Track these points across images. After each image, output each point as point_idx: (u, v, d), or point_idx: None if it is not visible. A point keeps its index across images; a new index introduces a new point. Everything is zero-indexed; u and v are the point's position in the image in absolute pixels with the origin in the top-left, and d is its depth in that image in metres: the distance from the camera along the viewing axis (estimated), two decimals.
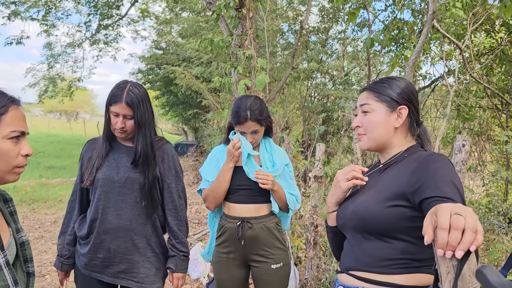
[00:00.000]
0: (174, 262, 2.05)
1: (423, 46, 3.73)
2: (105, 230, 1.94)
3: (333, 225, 1.52)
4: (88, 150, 2.06)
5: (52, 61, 14.98)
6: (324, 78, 11.13)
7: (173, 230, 2.06)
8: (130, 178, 1.94)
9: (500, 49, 5.52)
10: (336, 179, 1.45)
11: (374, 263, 1.29)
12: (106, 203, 1.94)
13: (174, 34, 15.60)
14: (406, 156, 1.39)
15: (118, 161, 1.98)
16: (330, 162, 3.95)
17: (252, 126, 2.12)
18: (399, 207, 1.24)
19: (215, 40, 4.77)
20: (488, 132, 6.73)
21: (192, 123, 20.27)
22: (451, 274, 0.84)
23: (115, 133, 1.96)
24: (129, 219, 1.95)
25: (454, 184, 1.14)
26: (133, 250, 1.97)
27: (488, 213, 4.35)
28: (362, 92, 1.49)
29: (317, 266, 3.89)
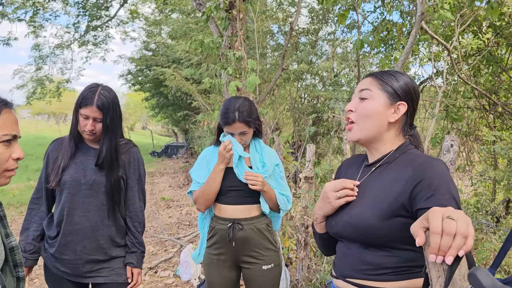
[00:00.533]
0: (135, 258, 2.12)
1: (411, 47, 3.75)
2: (72, 231, 1.97)
3: (322, 232, 1.47)
4: (54, 150, 2.06)
5: (40, 62, 14.81)
6: (314, 79, 11.16)
7: (132, 231, 2.13)
8: (97, 180, 1.98)
9: (487, 50, 5.58)
10: (325, 194, 1.36)
11: (374, 272, 1.25)
12: (73, 205, 1.97)
13: (164, 36, 15.54)
14: (397, 156, 1.33)
15: (84, 164, 2.01)
16: (320, 163, 3.97)
17: (240, 127, 2.12)
18: (399, 217, 1.19)
19: (205, 42, 4.76)
20: (476, 133, 6.80)
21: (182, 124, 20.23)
22: (442, 279, 0.84)
23: (84, 135, 1.99)
24: (95, 220, 1.99)
25: (451, 193, 1.12)
26: (98, 250, 2.02)
27: (477, 212, 4.39)
28: (366, 77, 1.39)
29: (308, 267, 3.90)
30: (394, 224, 1.19)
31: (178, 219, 7.34)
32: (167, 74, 10.45)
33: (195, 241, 5.84)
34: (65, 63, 15.56)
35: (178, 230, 6.50)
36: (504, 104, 5.67)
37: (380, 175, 1.33)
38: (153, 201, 9.11)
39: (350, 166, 1.52)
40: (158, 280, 4.36)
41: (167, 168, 16.00)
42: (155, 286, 4.19)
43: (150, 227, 6.63)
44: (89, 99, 1.90)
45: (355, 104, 1.36)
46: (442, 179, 1.15)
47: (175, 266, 4.72)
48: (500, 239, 3.78)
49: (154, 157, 21.15)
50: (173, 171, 14.92)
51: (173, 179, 12.69)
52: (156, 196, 9.71)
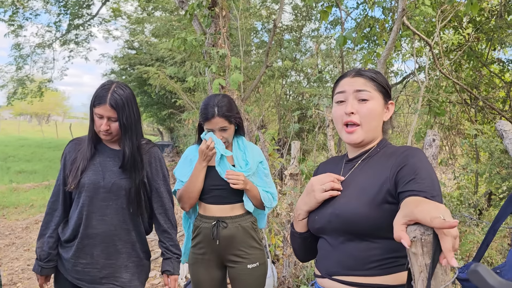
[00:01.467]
0: (171, 264, 2.05)
1: (394, 43, 3.78)
2: (89, 235, 1.91)
3: (303, 231, 1.44)
4: (71, 150, 1.99)
5: (20, 62, 14.56)
6: (299, 76, 11.19)
7: (166, 232, 2.07)
8: (116, 184, 1.91)
9: (467, 45, 5.66)
10: (310, 188, 1.35)
11: (360, 266, 1.24)
12: (91, 208, 1.91)
13: (147, 34, 15.39)
14: (378, 150, 1.37)
15: (103, 165, 1.94)
16: (305, 160, 3.97)
17: (220, 122, 2.11)
18: (386, 204, 1.20)
19: (188, 39, 4.72)
20: (458, 127, 6.90)
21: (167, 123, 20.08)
22: (424, 273, 0.85)
23: (100, 135, 1.92)
24: (113, 224, 1.93)
25: (432, 178, 1.15)
26: (116, 255, 1.95)
27: (460, 205, 4.46)
28: (354, 77, 1.36)
29: (294, 263, 3.91)
30: (381, 212, 1.20)
31: None
32: (151, 72, 10.37)
33: (181, 240, 5.81)
34: (46, 63, 15.34)
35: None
36: (485, 98, 5.77)
37: (363, 168, 1.35)
38: None
39: (329, 166, 1.53)
40: None
41: None
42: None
43: None
44: (102, 97, 1.84)
45: (356, 106, 1.33)
46: (423, 164, 1.19)
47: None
48: (483, 231, 3.85)
49: None
50: None
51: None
52: None
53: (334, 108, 1.40)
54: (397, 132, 8.39)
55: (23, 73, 14.88)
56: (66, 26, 14.12)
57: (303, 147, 8.73)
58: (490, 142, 4.26)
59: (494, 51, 6.25)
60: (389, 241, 1.20)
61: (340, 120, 1.36)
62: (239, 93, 4.97)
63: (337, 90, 1.39)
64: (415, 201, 1.01)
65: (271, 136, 4.49)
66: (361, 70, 1.38)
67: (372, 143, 1.39)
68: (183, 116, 5.73)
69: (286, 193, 4.10)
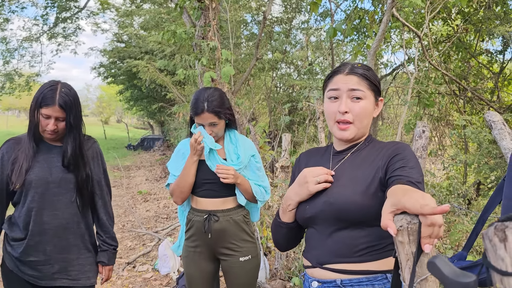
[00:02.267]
0: (106, 256, 2.11)
1: (383, 35, 3.79)
2: (41, 231, 1.91)
3: (290, 221, 1.45)
4: (9, 150, 1.95)
5: (7, 56, 14.37)
6: (289, 68, 11.19)
7: (104, 225, 2.12)
8: (64, 178, 1.94)
9: (456, 37, 5.69)
10: (303, 179, 1.36)
11: (351, 253, 1.28)
12: (41, 204, 1.90)
13: (136, 27, 15.26)
14: (367, 144, 1.42)
15: (49, 162, 1.94)
16: (296, 152, 3.99)
17: (209, 117, 2.10)
18: (379, 193, 1.25)
19: (177, 32, 4.69)
20: (447, 118, 6.96)
21: (157, 117, 20.01)
22: (411, 261, 0.86)
23: (45, 134, 1.91)
24: (65, 218, 1.95)
25: (419, 168, 1.22)
26: (68, 249, 1.97)
27: (449, 195, 4.51)
28: (349, 75, 1.38)
29: (286, 255, 3.94)
30: (374, 200, 1.24)
31: (155, 212, 7.28)
32: (141, 66, 10.29)
33: (173, 234, 5.81)
34: (34, 56, 15.16)
35: (156, 224, 6.46)
36: (473, 89, 5.82)
37: (353, 160, 1.39)
38: (129, 195, 9.00)
39: (312, 157, 1.55)
40: (136, 275, 4.32)
41: (143, 161, 15.83)
42: (134, 281, 4.16)
43: (127, 222, 6.56)
44: (49, 98, 1.83)
45: (350, 105, 1.36)
46: (412, 157, 1.26)
47: (154, 260, 4.69)
48: (472, 220, 3.90)
49: (130, 150, 20.88)
50: (149, 164, 14.77)
51: (150, 172, 12.57)
52: (133, 190, 9.61)
53: (327, 104, 1.41)
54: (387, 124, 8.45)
55: (11, 67, 14.69)
56: (53, 19, 13.94)
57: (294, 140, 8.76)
58: (479, 133, 4.31)
59: (482, 42, 6.30)
60: (378, 228, 1.22)
61: (332, 117, 1.39)
62: (229, 86, 4.96)
63: (330, 86, 1.41)
64: (402, 189, 1.03)
65: (262, 129, 4.50)
66: (354, 67, 1.39)
67: (361, 138, 1.44)
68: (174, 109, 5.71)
69: (277, 185, 4.11)
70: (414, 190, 0.99)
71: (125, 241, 5.46)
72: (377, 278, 1.26)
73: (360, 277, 1.27)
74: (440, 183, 5.35)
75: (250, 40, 11.07)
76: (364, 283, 1.26)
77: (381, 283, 1.26)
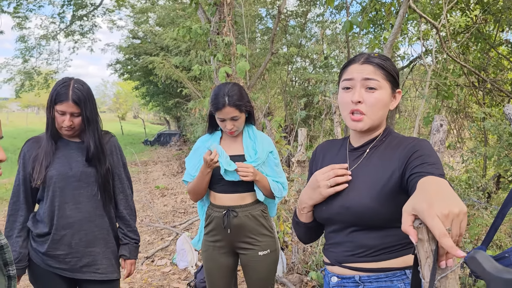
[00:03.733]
0: (127, 249, 2.14)
1: (400, 27, 3.75)
2: (65, 225, 1.95)
3: (308, 221, 1.45)
4: (31, 149, 2.00)
5: (26, 54, 14.60)
6: (304, 62, 11.13)
7: (125, 219, 2.15)
8: (85, 172, 1.98)
9: (475, 27, 5.58)
10: (315, 183, 1.34)
11: (370, 253, 1.28)
12: (63, 199, 1.95)
13: (151, 23, 15.34)
14: (384, 139, 1.36)
15: (68, 157, 1.99)
16: (312, 146, 3.98)
17: (231, 112, 2.11)
18: (395, 196, 1.22)
19: (193, 28, 4.70)
20: (466, 110, 6.85)
21: (173, 112, 20.14)
22: (430, 259, 0.86)
23: (62, 131, 1.96)
24: (88, 211, 1.99)
25: (440, 163, 1.17)
26: (94, 242, 2.01)
27: (468, 189, 4.45)
28: (364, 64, 1.32)
29: (303, 249, 3.94)
30: (390, 204, 1.21)
31: (173, 207, 7.36)
32: (156, 62, 10.36)
33: (191, 228, 5.87)
34: (51, 54, 15.37)
35: (174, 218, 6.53)
36: (493, 80, 5.71)
37: (370, 158, 1.34)
38: (147, 190, 9.11)
39: (328, 151, 1.52)
40: (155, 269, 4.39)
41: (160, 156, 15.98)
42: (153, 275, 4.23)
43: (146, 216, 6.65)
44: (63, 94, 1.88)
45: (363, 95, 1.31)
46: (432, 153, 1.20)
47: (172, 254, 4.75)
48: (492, 214, 3.85)
49: (147, 145, 21.09)
50: (166, 159, 14.90)
51: (167, 167, 12.68)
52: (151, 185, 9.72)
53: (341, 94, 1.37)
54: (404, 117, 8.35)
55: (30, 65, 14.93)
56: (70, 17, 14.10)
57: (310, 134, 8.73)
58: (499, 125, 4.23)
59: (502, 32, 6.17)
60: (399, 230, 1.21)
61: (346, 107, 1.34)
62: (245, 81, 4.96)
63: (344, 76, 1.36)
64: (429, 190, 0.91)
65: (278, 124, 4.49)
66: (370, 56, 1.33)
67: (378, 131, 1.38)
68: (190, 105, 5.73)
69: (294, 180, 4.12)
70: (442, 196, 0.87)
71: (143, 235, 5.53)
72: (396, 274, 1.26)
73: (379, 274, 1.27)
74: (459, 177, 5.28)
75: (265, 35, 11.04)
76: (383, 280, 1.27)
77: (399, 279, 1.26)
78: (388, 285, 1.26)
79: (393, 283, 1.26)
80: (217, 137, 2.30)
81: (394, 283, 1.25)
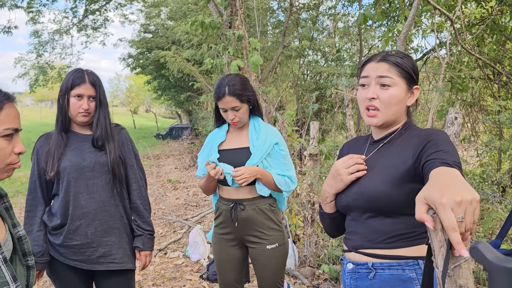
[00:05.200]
0: (141, 241, 2.13)
1: (414, 19, 3.70)
2: (80, 215, 1.97)
3: (332, 212, 1.52)
4: (43, 145, 2.04)
5: (40, 49, 14.75)
6: (316, 55, 11.07)
7: (139, 209, 2.15)
8: (98, 161, 2.00)
9: (491, 19, 5.49)
10: (336, 172, 1.42)
11: (383, 240, 1.32)
12: (77, 189, 1.97)
13: (163, 17, 15.37)
14: (403, 132, 1.41)
15: (80, 148, 2.02)
16: (324, 140, 3.97)
17: (231, 101, 2.11)
18: (408, 183, 1.25)
19: (206, 22, 4.71)
20: (481, 103, 6.75)
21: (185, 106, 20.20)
22: (444, 248, 0.86)
23: (78, 118, 1.98)
24: (102, 201, 2.01)
25: (455, 151, 1.18)
26: (109, 232, 2.03)
27: (482, 183, 4.40)
28: (379, 62, 1.39)
29: (315, 243, 3.95)
30: (403, 190, 1.25)
31: (185, 200, 7.41)
32: (168, 56, 10.39)
33: (203, 221, 5.91)
34: (64, 48, 15.49)
35: (186, 211, 6.58)
36: (509, 73, 5.61)
37: (387, 149, 1.41)
38: (159, 183, 9.18)
39: (353, 146, 1.59)
40: (168, 261, 4.43)
41: (172, 150, 16.07)
42: (166, 267, 4.27)
43: (158, 209, 6.71)
44: (79, 78, 1.95)
45: (377, 91, 1.37)
46: (446, 141, 1.23)
47: (184, 247, 4.79)
48: (506, 208, 3.80)
49: (159, 139, 21.23)
50: (178, 152, 14.99)
51: (179, 161, 12.76)
52: (163, 178, 9.79)
53: (359, 91, 1.45)
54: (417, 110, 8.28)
55: (43, 60, 15.08)
56: (82, 11, 14.18)
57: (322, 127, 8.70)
58: None
59: None
60: (411, 217, 1.21)
61: (362, 103, 1.41)
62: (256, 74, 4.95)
63: (362, 74, 1.43)
64: (441, 180, 0.93)
65: (291, 117, 4.48)
66: (387, 54, 1.39)
67: (396, 125, 1.43)
68: (201, 99, 5.75)
69: (306, 173, 4.11)
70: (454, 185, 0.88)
71: (156, 228, 5.59)
72: (408, 263, 1.29)
73: (391, 261, 1.31)
74: (473, 170, 5.23)
75: (276, 28, 10.99)
76: (395, 267, 1.30)
77: (412, 268, 1.29)
78: (399, 274, 1.29)
79: (404, 272, 1.29)
80: (224, 131, 2.30)
81: (406, 272, 1.29)
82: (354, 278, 1.39)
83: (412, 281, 1.27)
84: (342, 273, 1.49)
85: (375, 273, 1.33)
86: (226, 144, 2.26)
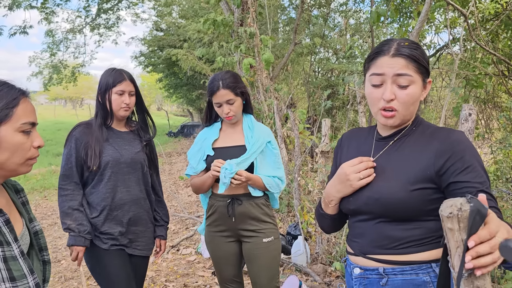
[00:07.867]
0: (164, 230, 2.42)
1: (426, 15, 3.67)
2: (117, 206, 2.16)
3: (334, 213, 1.43)
4: (82, 135, 2.14)
5: (54, 48, 14.93)
6: (328, 53, 11.03)
7: (162, 202, 2.44)
8: (134, 158, 2.21)
9: (505, 14, 5.41)
10: (344, 176, 1.30)
11: (396, 246, 1.25)
12: (116, 183, 2.16)
13: (175, 15, 15.43)
14: (413, 128, 1.31)
15: (117, 145, 2.19)
16: (336, 137, 3.96)
17: (226, 94, 2.14)
18: (425, 190, 1.19)
19: (218, 20, 4.73)
20: (495, 99, 6.67)
21: (197, 104, 20.30)
22: (460, 249, 0.85)
23: (120, 113, 2.16)
24: (136, 194, 2.22)
25: (481, 165, 1.16)
26: (138, 222, 2.25)
27: (497, 180, 4.36)
28: (395, 57, 1.23)
29: (327, 240, 3.95)
30: (421, 197, 1.19)
31: (197, 197, 7.44)
32: (180, 54, 10.43)
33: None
34: (78, 47, 15.66)
35: (198, 209, 6.61)
36: None
37: (399, 148, 1.30)
38: (171, 180, 9.24)
39: (354, 139, 1.49)
40: (180, 258, 4.47)
41: (184, 147, 16.14)
42: (178, 264, 4.31)
43: (170, 207, 6.76)
44: (120, 75, 2.13)
45: (395, 91, 1.23)
46: (471, 152, 1.18)
47: (197, 244, 4.83)
48: None
49: (171, 137, 21.33)
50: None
51: None
52: (175, 176, 9.85)
53: (370, 89, 1.29)
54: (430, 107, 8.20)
55: (57, 59, 15.26)
56: (95, 11, 14.30)
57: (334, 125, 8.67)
58: None
59: None
60: (428, 222, 1.21)
61: (376, 103, 1.27)
62: (268, 72, 4.96)
63: (373, 69, 1.27)
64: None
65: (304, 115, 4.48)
66: (400, 46, 1.24)
67: (407, 122, 1.33)
68: None
69: (318, 170, 4.11)
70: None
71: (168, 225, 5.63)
72: (422, 267, 1.23)
73: (404, 266, 1.24)
74: (487, 168, 5.17)
75: (287, 25, 10.97)
76: (408, 272, 1.24)
77: (425, 272, 1.23)
78: (413, 278, 1.23)
79: (418, 276, 1.23)
80: (217, 129, 2.31)
81: (420, 276, 1.23)
82: (364, 284, 1.32)
83: (426, 285, 1.22)
84: (347, 276, 1.42)
85: (387, 279, 1.26)
86: (220, 142, 2.27)
